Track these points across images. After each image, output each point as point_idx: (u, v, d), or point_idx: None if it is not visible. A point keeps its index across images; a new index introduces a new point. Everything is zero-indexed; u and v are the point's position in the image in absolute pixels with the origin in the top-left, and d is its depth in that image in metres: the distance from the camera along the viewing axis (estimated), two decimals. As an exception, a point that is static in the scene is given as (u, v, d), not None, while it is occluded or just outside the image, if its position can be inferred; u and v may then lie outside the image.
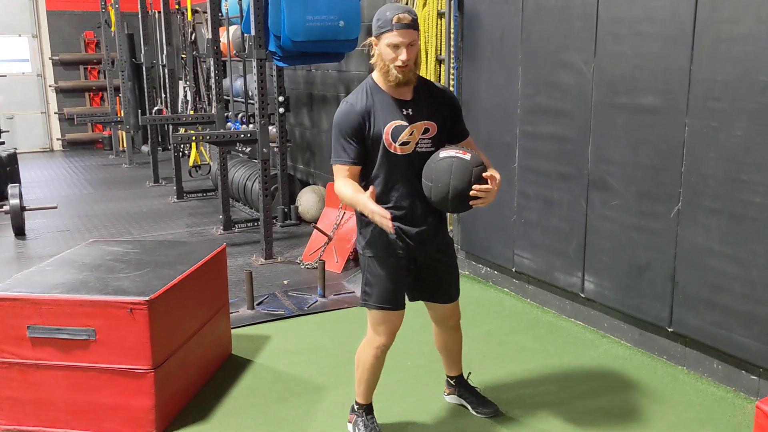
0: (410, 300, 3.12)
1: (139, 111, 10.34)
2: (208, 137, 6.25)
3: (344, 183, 2.82)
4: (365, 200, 2.69)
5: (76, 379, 3.15)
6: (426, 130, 2.86)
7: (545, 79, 4.42)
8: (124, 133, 11.46)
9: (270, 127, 6.29)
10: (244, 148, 6.37)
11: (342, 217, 5.86)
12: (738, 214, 3.37)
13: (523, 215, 4.72)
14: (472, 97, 5.09)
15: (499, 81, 4.82)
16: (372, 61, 2.86)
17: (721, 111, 3.38)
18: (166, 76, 9.04)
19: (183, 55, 9.35)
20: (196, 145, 9.12)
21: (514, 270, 4.88)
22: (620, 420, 3.31)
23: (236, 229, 6.93)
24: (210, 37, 7.04)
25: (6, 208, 6.80)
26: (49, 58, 12.88)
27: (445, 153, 2.77)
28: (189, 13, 8.85)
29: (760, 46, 3.19)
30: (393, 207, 2.86)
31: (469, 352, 3.95)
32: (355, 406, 3.19)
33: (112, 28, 10.74)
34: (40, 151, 13.14)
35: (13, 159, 8.72)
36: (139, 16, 9.42)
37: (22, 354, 3.14)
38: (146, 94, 9.82)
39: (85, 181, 9.93)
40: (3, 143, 9.74)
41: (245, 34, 6.68)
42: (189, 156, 9.33)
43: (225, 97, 7.66)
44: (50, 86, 13.01)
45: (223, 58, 7.29)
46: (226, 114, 7.36)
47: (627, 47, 3.83)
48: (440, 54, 5.29)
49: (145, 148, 11.17)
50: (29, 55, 12.94)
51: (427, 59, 5.36)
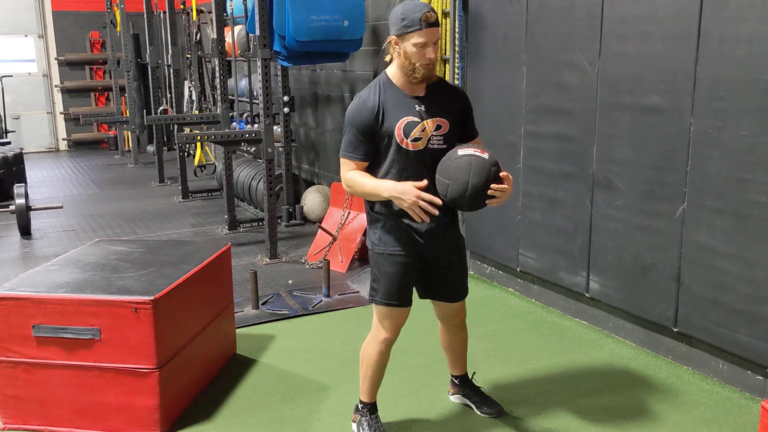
0: (420, 298, 3.14)
1: (145, 111, 10.37)
2: (213, 137, 6.26)
3: (360, 174, 2.83)
4: (395, 186, 2.70)
5: (80, 378, 3.16)
6: (438, 127, 2.86)
7: (549, 78, 4.41)
8: (129, 132, 11.49)
9: (275, 127, 6.30)
10: (248, 148, 6.39)
11: (346, 217, 5.87)
12: (743, 214, 3.36)
13: (528, 215, 4.71)
14: (476, 97, 5.08)
15: (504, 81, 4.81)
16: (388, 59, 2.87)
17: (726, 111, 3.37)
18: (172, 76, 9.07)
19: (188, 55, 9.37)
20: (201, 144, 9.15)
21: (518, 270, 4.88)
22: (625, 420, 3.31)
23: (241, 229, 6.94)
24: (215, 37, 7.06)
25: (12, 207, 6.83)
26: (55, 59, 12.93)
27: (463, 151, 2.76)
28: (194, 13, 8.87)
29: (765, 45, 3.18)
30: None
31: (474, 351, 3.95)
32: (359, 405, 3.19)
33: (118, 29, 10.76)
34: (46, 150, 13.19)
35: (19, 159, 8.75)
36: (145, 16, 9.44)
37: (26, 353, 3.15)
38: (151, 94, 9.82)
39: (91, 181, 9.96)
40: (9, 143, 9.79)
41: (250, 34, 6.69)
42: (194, 156, 9.35)
43: (230, 96, 7.67)
44: (56, 86, 13.05)
45: (228, 58, 7.30)
46: (231, 114, 7.37)
47: (631, 47, 3.82)
48: (445, 54, 5.28)
49: (151, 148, 11.20)
50: (35, 56, 12.98)
51: (431, 59, 5.35)
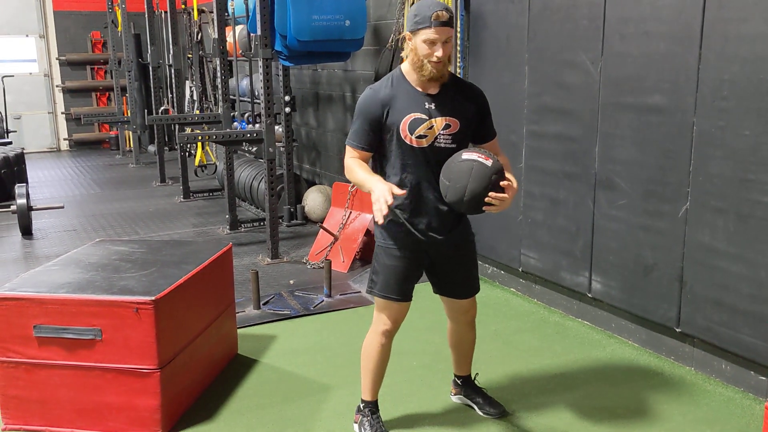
0: (434, 293, 3.16)
1: (146, 111, 10.38)
2: (214, 137, 6.25)
3: (357, 163, 2.86)
4: (376, 183, 2.70)
5: (82, 378, 3.15)
6: (447, 126, 2.84)
7: (551, 78, 4.41)
8: (130, 132, 11.50)
9: (276, 127, 6.29)
10: (250, 148, 6.39)
11: (348, 217, 5.86)
12: (746, 214, 3.35)
13: (530, 215, 4.70)
14: (478, 97, 5.08)
15: (506, 80, 4.81)
16: (404, 54, 2.88)
17: (729, 110, 3.36)
18: (173, 75, 9.07)
19: (189, 55, 9.37)
20: (203, 144, 9.14)
21: (520, 270, 4.87)
22: (627, 421, 3.30)
23: (242, 229, 6.93)
24: (216, 36, 7.05)
25: (13, 207, 6.83)
26: (56, 59, 12.93)
27: (467, 155, 2.75)
28: (195, 13, 8.87)
29: (768, 44, 3.18)
30: (399, 200, 2.84)
31: (476, 351, 3.92)
32: (361, 405, 3.19)
33: (119, 28, 10.76)
34: (47, 151, 13.19)
35: (20, 159, 8.75)
36: (146, 16, 9.44)
37: (28, 353, 3.15)
38: (153, 93, 9.83)
39: (92, 181, 9.96)
40: (10, 143, 9.79)
41: (251, 34, 6.68)
42: (195, 156, 9.35)
43: (231, 96, 7.67)
44: (57, 86, 13.05)
45: (229, 58, 7.30)
46: (232, 113, 7.36)
47: (634, 47, 3.81)
48: (446, 53, 5.27)
49: (152, 148, 11.20)
50: (36, 56, 12.98)
51: (433, 59, 5.34)
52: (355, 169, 2.85)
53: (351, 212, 5.87)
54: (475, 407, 3.38)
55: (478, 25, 5.00)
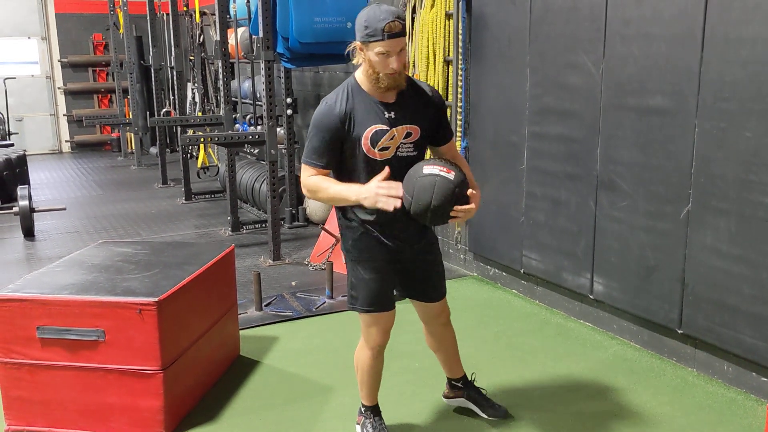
0: (402, 297, 3.10)
1: (148, 113, 10.38)
2: (216, 139, 6.26)
3: (321, 178, 2.73)
4: (359, 188, 2.64)
5: (85, 379, 3.16)
6: (408, 134, 2.77)
7: (553, 80, 4.41)
8: (132, 134, 11.50)
9: (278, 129, 6.30)
10: (252, 150, 6.39)
11: (350, 219, 5.86)
12: (748, 215, 3.35)
13: (531, 216, 4.71)
14: (479, 98, 5.09)
15: (507, 82, 4.81)
16: (355, 62, 2.76)
17: (731, 112, 3.37)
18: (175, 78, 9.08)
19: (191, 57, 9.38)
20: (205, 146, 9.14)
21: (522, 271, 4.87)
22: (629, 422, 3.30)
23: (244, 231, 6.94)
24: (218, 39, 7.06)
25: (15, 209, 6.84)
26: (58, 61, 12.95)
27: (429, 169, 2.64)
28: (197, 15, 8.88)
29: (770, 46, 3.18)
30: (371, 212, 2.78)
31: (477, 353, 3.95)
32: (362, 408, 3.19)
33: (121, 31, 10.78)
34: (49, 152, 13.20)
35: (22, 161, 8.77)
36: (148, 18, 9.46)
37: (31, 354, 3.15)
38: (154, 96, 9.86)
39: (94, 183, 9.97)
40: (12, 145, 9.79)
41: (253, 36, 6.69)
42: (197, 158, 9.35)
43: (233, 98, 7.68)
44: (59, 88, 13.07)
45: (231, 60, 7.31)
46: (234, 116, 7.37)
47: (636, 48, 3.82)
48: (448, 55, 5.28)
49: (154, 150, 11.21)
50: (38, 58, 13.00)
51: (435, 60, 5.36)
52: (323, 185, 2.72)
53: (353, 214, 5.87)
54: (478, 410, 3.35)
55: (479, 26, 5.01)
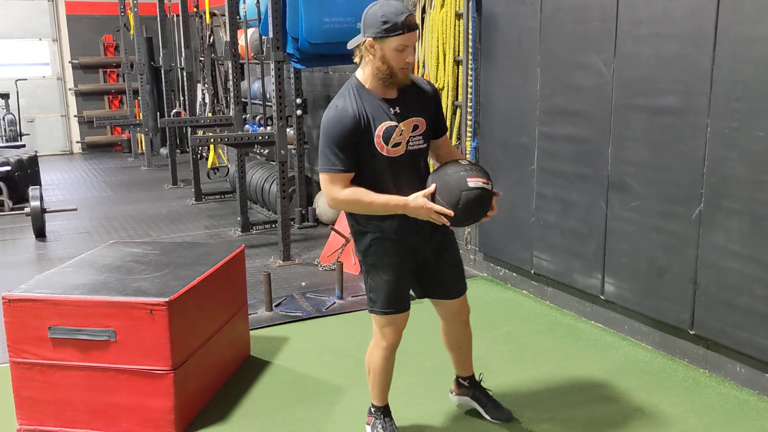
0: (417, 297, 3.11)
1: (158, 114, 10.42)
2: (226, 139, 6.27)
3: (359, 191, 2.72)
4: (407, 201, 2.70)
5: (95, 379, 3.17)
6: (415, 127, 2.80)
7: (564, 80, 4.40)
8: (142, 135, 11.55)
9: (287, 129, 6.31)
10: (261, 150, 6.40)
11: (359, 219, 5.86)
12: (760, 215, 3.33)
13: (542, 217, 4.69)
14: (489, 99, 5.07)
15: (517, 82, 4.80)
16: (357, 60, 2.78)
17: (743, 111, 3.34)
18: (185, 78, 9.11)
19: (201, 58, 9.40)
20: (214, 147, 9.17)
21: (532, 272, 4.86)
22: (641, 423, 3.28)
23: (254, 231, 6.95)
24: (228, 39, 7.07)
25: (27, 210, 6.88)
26: (69, 62, 13.02)
27: (473, 182, 2.70)
28: (207, 16, 8.90)
29: (783, 45, 3.16)
30: (384, 218, 2.81)
31: (488, 354, 3.93)
32: (372, 409, 3.18)
33: (131, 32, 10.82)
34: (60, 153, 13.28)
35: (33, 162, 8.81)
36: (158, 19, 9.51)
37: (42, 354, 3.17)
38: (165, 96, 9.90)
39: (105, 184, 10.02)
40: (24, 146, 9.85)
41: (263, 37, 6.70)
42: (207, 158, 9.38)
43: (243, 99, 7.69)
44: (70, 89, 13.14)
45: (240, 61, 7.32)
46: (243, 116, 7.39)
47: (647, 48, 3.80)
48: (458, 55, 5.27)
49: (164, 151, 11.25)
50: (49, 59, 13.08)
51: (445, 60, 5.35)
52: (364, 198, 2.71)
53: (362, 214, 5.87)
54: (482, 410, 3.34)
55: (489, 26, 5.00)
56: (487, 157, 5.10)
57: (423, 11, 5.48)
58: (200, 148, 9.34)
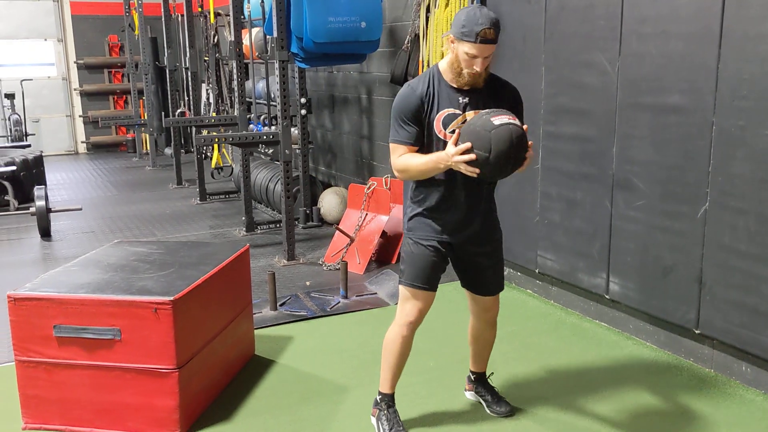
0: (462, 286, 3.20)
1: (163, 113, 10.43)
2: (230, 139, 6.28)
3: (409, 155, 2.86)
4: (439, 155, 2.75)
5: (100, 378, 3.17)
6: None
7: (568, 79, 4.39)
8: (147, 135, 11.57)
9: (292, 129, 6.31)
10: (266, 150, 6.39)
11: (364, 219, 5.86)
12: (766, 214, 3.31)
13: (546, 216, 4.69)
14: (494, 98, 5.06)
15: (522, 81, 4.74)
16: (443, 49, 2.90)
17: (749, 110, 3.33)
18: (189, 78, 9.11)
19: (206, 58, 9.41)
20: (219, 147, 9.18)
21: (537, 271, 4.85)
22: (646, 423, 3.27)
23: (258, 231, 6.95)
24: (232, 39, 7.08)
25: (32, 209, 6.89)
26: (74, 62, 13.04)
27: (498, 120, 2.68)
28: (212, 16, 8.91)
29: (789, 43, 3.15)
30: (433, 192, 2.93)
31: (493, 352, 3.90)
32: (378, 398, 3.20)
33: (136, 32, 10.84)
34: (65, 153, 13.31)
35: (39, 161, 8.84)
36: (163, 19, 9.51)
37: (47, 353, 3.17)
38: (169, 96, 9.89)
39: (109, 183, 10.04)
40: (29, 146, 9.87)
41: (267, 36, 6.71)
42: (212, 158, 9.39)
43: (247, 99, 7.70)
44: (75, 90, 13.17)
45: (245, 61, 7.33)
46: (248, 116, 7.39)
47: (652, 46, 3.79)
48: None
49: (168, 151, 11.27)
50: (54, 59, 13.11)
51: (449, 60, 5.33)
52: (411, 161, 2.85)
53: (367, 214, 5.87)
54: (484, 404, 3.40)
55: (494, 26, 4.98)
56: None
57: (428, 10, 5.48)
58: (205, 147, 9.35)
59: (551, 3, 4.46)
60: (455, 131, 2.76)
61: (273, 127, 6.71)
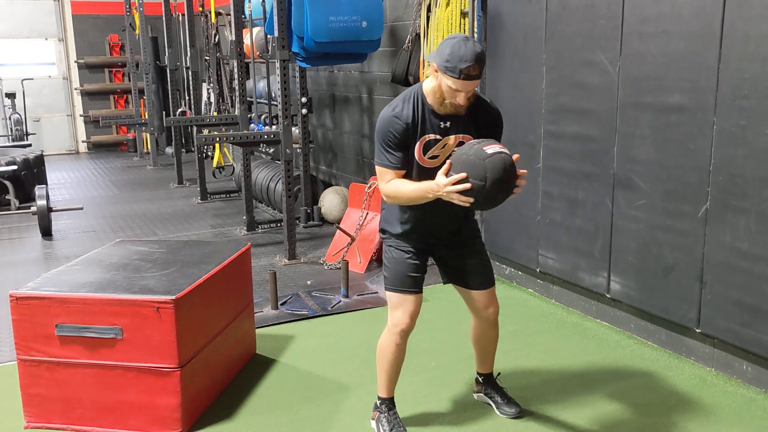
0: (444, 283, 3.18)
1: (163, 113, 10.43)
2: (231, 138, 6.28)
3: (399, 182, 2.85)
4: (429, 184, 2.72)
5: (103, 377, 3.18)
6: (460, 143, 2.86)
7: (570, 78, 4.39)
8: (148, 135, 11.57)
9: (293, 128, 6.31)
10: (267, 149, 6.40)
11: (365, 218, 5.87)
12: (767, 214, 3.32)
13: (548, 215, 4.69)
14: (495, 97, 5.05)
15: (523, 81, 4.79)
16: (427, 73, 2.87)
17: (750, 109, 3.34)
18: (190, 78, 9.11)
19: (206, 57, 9.42)
20: (220, 146, 9.19)
21: (538, 270, 4.85)
22: (647, 422, 3.28)
23: (259, 230, 6.96)
24: (233, 38, 7.09)
25: (33, 209, 6.90)
26: (75, 62, 13.04)
27: (491, 149, 2.65)
28: (212, 15, 8.91)
29: (790, 42, 3.15)
30: (411, 218, 2.96)
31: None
32: (378, 402, 3.20)
33: (137, 32, 10.84)
34: (66, 153, 13.31)
35: (39, 161, 8.85)
36: (163, 19, 9.51)
37: (50, 352, 3.18)
38: (170, 96, 9.89)
39: (110, 183, 10.04)
40: (30, 145, 9.87)
41: (268, 36, 6.72)
42: (212, 157, 9.39)
43: (248, 98, 7.70)
44: (76, 89, 13.17)
45: (246, 60, 7.33)
46: (249, 115, 7.40)
47: (653, 46, 3.79)
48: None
49: (169, 150, 11.26)
50: (55, 59, 13.11)
51: (450, 59, 5.34)
52: (400, 188, 2.83)
53: (368, 213, 5.88)
54: (493, 406, 3.38)
55: (495, 25, 4.99)
56: (493, 155, 5.09)
57: (428, 9, 5.48)
58: (206, 147, 9.36)
59: (552, 2, 4.46)
60: (445, 161, 2.73)
61: (274, 127, 6.71)
